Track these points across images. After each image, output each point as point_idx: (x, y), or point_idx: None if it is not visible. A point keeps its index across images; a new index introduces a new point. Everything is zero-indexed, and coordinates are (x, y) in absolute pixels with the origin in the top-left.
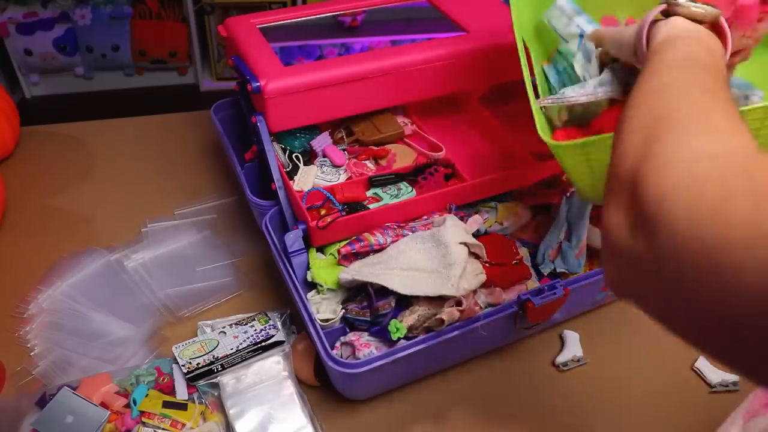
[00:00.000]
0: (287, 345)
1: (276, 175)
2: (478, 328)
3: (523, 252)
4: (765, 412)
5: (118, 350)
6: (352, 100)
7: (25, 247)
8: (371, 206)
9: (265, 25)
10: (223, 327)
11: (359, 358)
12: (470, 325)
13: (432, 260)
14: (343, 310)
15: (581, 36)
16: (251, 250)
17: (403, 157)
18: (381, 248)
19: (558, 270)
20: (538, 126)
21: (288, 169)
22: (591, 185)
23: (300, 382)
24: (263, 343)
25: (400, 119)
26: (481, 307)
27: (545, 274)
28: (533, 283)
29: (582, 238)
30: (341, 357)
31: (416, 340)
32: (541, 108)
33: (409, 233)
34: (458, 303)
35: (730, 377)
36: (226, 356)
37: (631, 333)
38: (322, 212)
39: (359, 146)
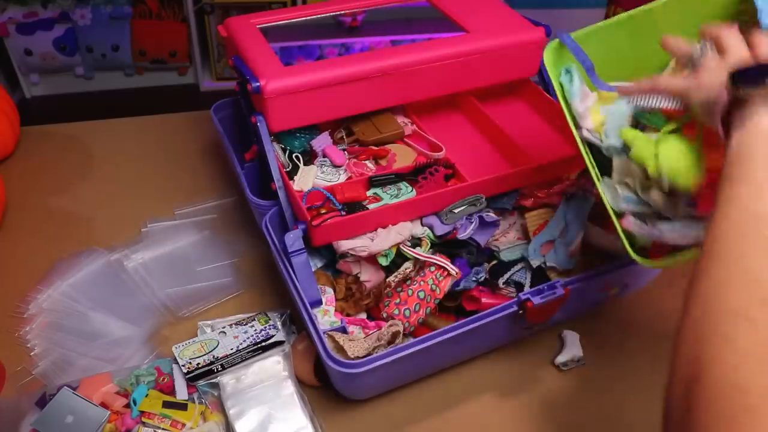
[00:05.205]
0: (287, 345)
1: (276, 175)
2: (478, 328)
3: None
4: None
5: (118, 350)
6: (352, 100)
7: (25, 247)
8: (371, 206)
9: (265, 25)
10: (223, 327)
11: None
12: (470, 324)
13: None
14: None
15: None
16: (251, 250)
17: (403, 157)
18: None
19: (548, 264)
20: (629, 251)
21: (288, 169)
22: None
23: (300, 382)
24: (263, 343)
25: (400, 119)
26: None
27: (534, 266)
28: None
29: (576, 239)
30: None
31: (416, 340)
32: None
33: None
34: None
35: None
36: (226, 356)
37: (631, 333)
38: (322, 212)
39: (359, 146)
